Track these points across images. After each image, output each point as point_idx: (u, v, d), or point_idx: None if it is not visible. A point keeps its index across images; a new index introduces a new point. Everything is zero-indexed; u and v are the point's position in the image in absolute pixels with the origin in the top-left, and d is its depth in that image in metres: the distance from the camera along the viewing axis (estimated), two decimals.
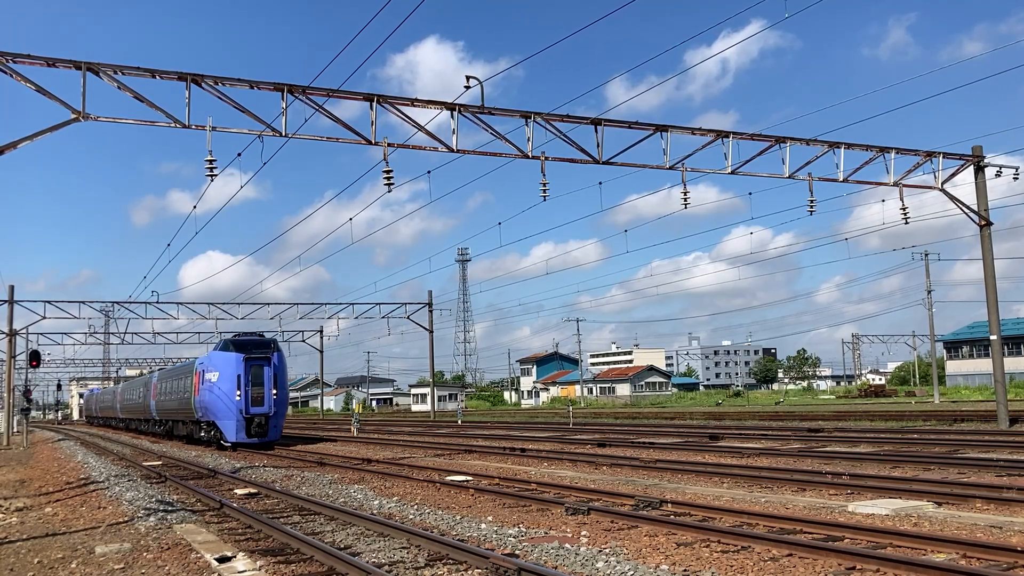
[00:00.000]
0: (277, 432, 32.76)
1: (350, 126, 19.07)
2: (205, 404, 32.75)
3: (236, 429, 31.38)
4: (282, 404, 32.80)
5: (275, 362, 32.56)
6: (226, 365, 32.00)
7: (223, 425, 31.87)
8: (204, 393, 32.74)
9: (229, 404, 31.45)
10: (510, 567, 8.28)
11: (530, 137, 20.86)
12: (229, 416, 31.55)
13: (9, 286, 44.75)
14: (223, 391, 31.59)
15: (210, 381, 32.16)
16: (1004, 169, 28.88)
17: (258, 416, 31.79)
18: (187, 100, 17.52)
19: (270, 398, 32.11)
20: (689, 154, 23.16)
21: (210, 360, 33.28)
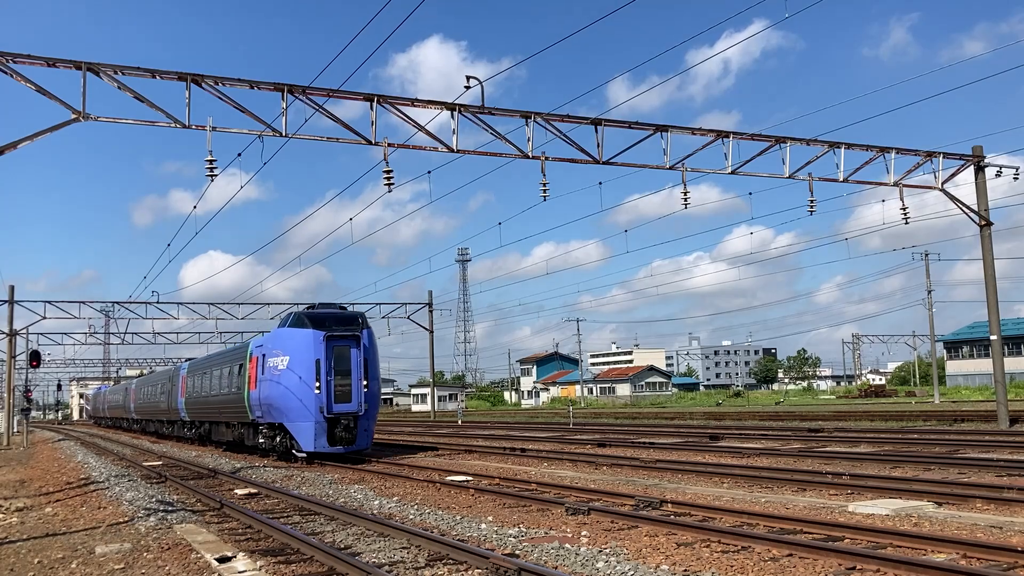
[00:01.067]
0: (368, 437, 24.09)
1: (350, 126, 19.08)
2: (268, 401, 24.29)
3: (315, 434, 22.99)
4: (374, 400, 24.07)
5: (365, 342, 23.70)
6: (300, 346, 23.42)
7: (296, 429, 23.40)
8: (266, 386, 24.36)
9: (305, 400, 22.97)
10: (510, 567, 8.28)
11: (530, 137, 20.86)
12: (304, 416, 23.07)
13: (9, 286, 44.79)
14: (296, 382, 23.20)
15: (275, 369, 23.87)
16: (1004, 169, 28.88)
17: (344, 416, 23.25)
18: (187, 100, 17.52)
19: (359, 391, 23.48)
20: (689, 154, 23.16)
21: (275, 340, 24.68)
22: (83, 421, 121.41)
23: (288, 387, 23.23)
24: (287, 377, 23.29)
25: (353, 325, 23.92)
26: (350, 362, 23.46)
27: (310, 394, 22.82)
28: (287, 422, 23.57)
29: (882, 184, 26.73)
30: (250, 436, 27.37)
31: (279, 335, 24.52)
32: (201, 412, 34.59)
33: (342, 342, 23.46)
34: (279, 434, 24.49)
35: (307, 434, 23.07)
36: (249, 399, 25.92)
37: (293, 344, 23.48)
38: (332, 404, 23.00)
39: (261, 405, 24.77)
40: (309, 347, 23.08)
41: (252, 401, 25.65)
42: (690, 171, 23.11)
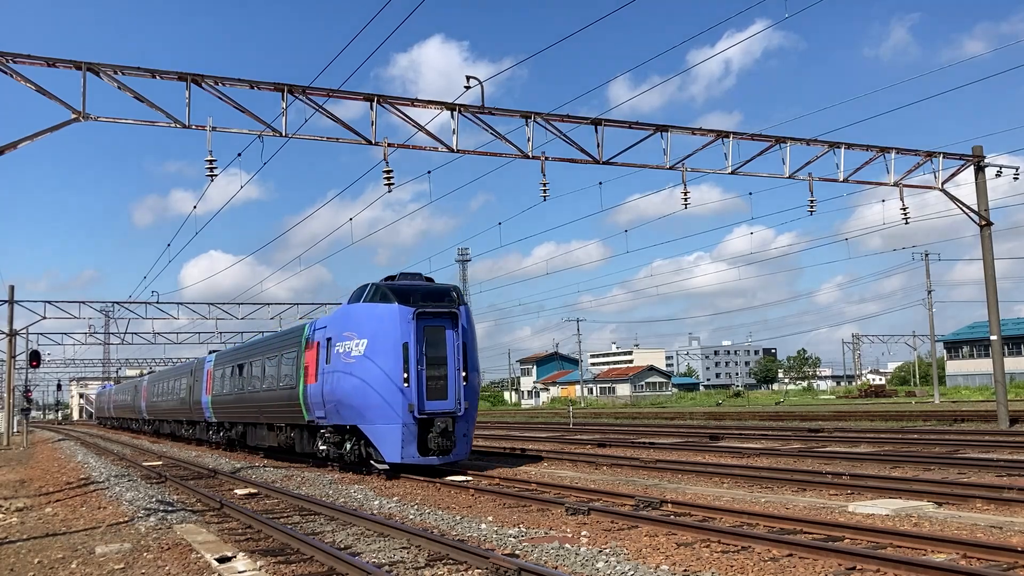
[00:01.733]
0: (467, 445, 18.89)
1: (350, 126, 19.07)
2: (337, 397, 19.17)
3: (402, 440, 17.92)
4: (475, 397, 19.12)
5: (463, 322, 18.68)
6: (383, 327, 18.25)
7: (377, 433, 18.25)
8: (333, 378, 19.34)
9: (389, 396, 17.99)
10: (510, 567, 8.28)
11: (530, 137, 20.86)
12: (388, 417, 17.99)
13: (9, 286, 44.76)
14: (376, 373, 18.06)
15: (346, 356, 18.87)
16: (1004, 169, 28.87)
17: (440, 417, 18.04)
18: (187, 100, 17.52)
19: (457, 385, 18.36)
20: (689, 154, 23.16)
21: (347, 320, 19.27)
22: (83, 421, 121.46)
23: (366, 379, 18.11)
24: (364, 367, 18.17)
25: (448, 300, 18.79)
26: (446, 347, 18.37)
27: (396, 389, 17.85)
28: (364, 424, 18.42)
29: (882, 184, 26.72)
30: (304, 441, 22.27)
31: (352, 313, 19.13)
32: (234, 412, 29.25)
33: (435, 321, 18.37)
34: (350, 440, 19.54)
35: (392, 440, 17.90)
36: (306, 395, 21.02)
37: (373, 324, 18.31)
38: (424, 402, 17.96)
39: (325, 403, 19.71)
40: (395, 327, 18.02)
41: (310, 398, 20.68)
42: (690, 171, 23.11)
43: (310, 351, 21.09)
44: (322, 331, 20.53)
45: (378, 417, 18.06)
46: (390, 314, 18.19)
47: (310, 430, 21.84)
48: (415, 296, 18.54)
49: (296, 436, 23.02)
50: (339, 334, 19.29)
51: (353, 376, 18.51)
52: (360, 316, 18.78)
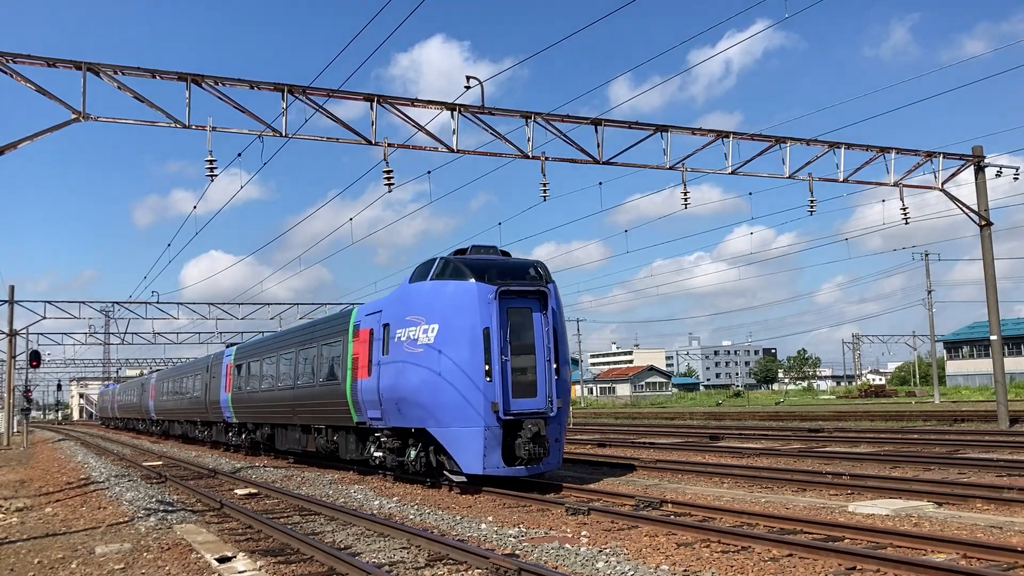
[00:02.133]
0: (559, 453, 15.74)
1: (350, 126, 19.07)
2: (399, 393, 16.02)
3: (483, 446, 14.69)
4: (567, 393, 15.98)
5: (553, 304, 15.59)
6: (458, 308, 15.21)
7: (452, 438, 15.07)
8: (393, 371, 16.24)
9: (467, 392, 14.85)
10: (510, 567, 8.28)
11: (530, 137, 20.86)
12: (467, 418, 14.83)
13: (9, 286, 44.76)
14: (450, 365, 15.03)
15: (411, 344, 15.74)
16: (1004, 169, 28.87)
17: (531, 419, 14.86)
18: (187, 100, 17.52)
19: (548, 380, 15.26)
20: (689, 154, 23.16)
21: (410, 300, 16.22)
22: (84, 421, 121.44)
23: (438, 371, 15.03)
24: (434, 357, 15.10)
25: (534, 276, 15.74)
26: (533, 333, 15.32)
27: (476, 384, 14.69)
28: (435, 427, 15.25)
29: (882, 184, 26.72)
30: (351, 446, 19.06)
31: (418, 293, 15.96)
32: (259, 412, 26.12)
33: (521, 302, 15.34)
34: (415, 445, 16.33)
35: (471, 447, 14.68)
36: (354, 393, 17.90)
37: (445, 305, 15.26)
38: (510, 400, 14.86)
39: (383, 401, 16.55)
40: (473, 309, 14.93)
41: (361, 395, 17.59)
42: (690, 171, 23.11)
43: (359, 340, 18.03)
44: (375, 316, 17.36)
45: (454, 418, 14.86)
46: (467, 293, 15.06)
47: (359, 433, 18.62)
48: (495, 272, 15.42)
49: (340, 440, 19.71)
50: (400, 319, 16.14)
51: (421, 369, 15.31)
52: (429, 296, 15.63)
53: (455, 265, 15.59)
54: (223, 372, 30.41)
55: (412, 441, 16.47)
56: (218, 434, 32.55)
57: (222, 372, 30.60)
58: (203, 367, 34.44)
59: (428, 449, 15.97)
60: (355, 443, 18.97)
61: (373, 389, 17.00)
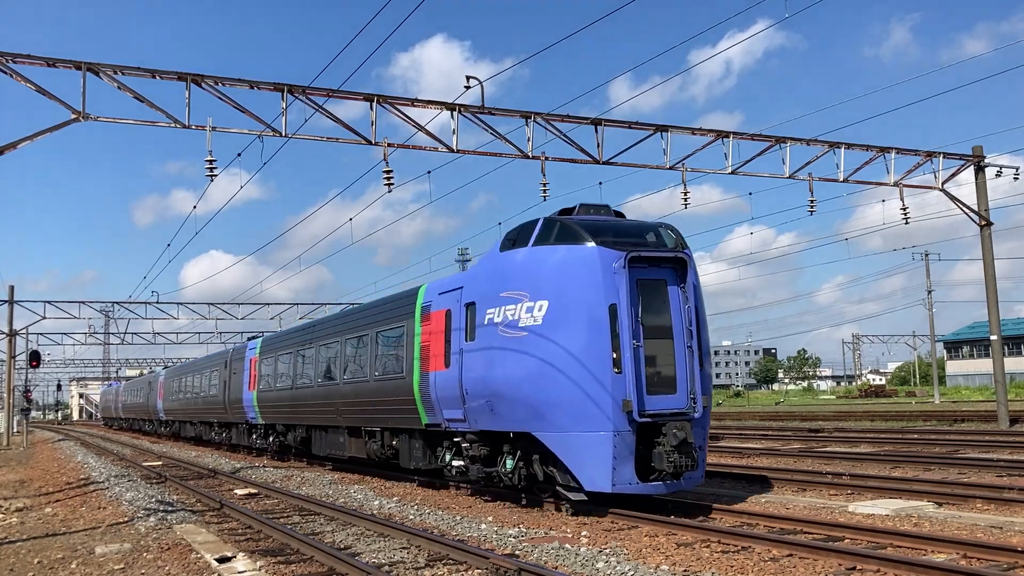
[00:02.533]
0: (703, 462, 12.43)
1: (350, 126, 19.07)
2: (492, 389, 12.91)
3: (613, 456, 11.51)
4: (709, 387, 12.88)
5: (692, 277, 12.49)
6: (574, 279, 12.12)
7: (569, 446, 11.93)
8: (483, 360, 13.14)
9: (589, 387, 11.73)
10: (510, 567, 8.28)
11: (530, 137, 20.86)
12: (590, 419, 11.69)
13: (9, 286, 44.76)
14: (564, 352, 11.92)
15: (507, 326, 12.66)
16: (1004, 169, 28.87)
17: (674, 423, 11.70)
18: (187, 100, 17.52)
19: (691, 372, 12.17)
20: (689, 154, 23.16)
21: (507, 271, 13.08)
22: (83, 421, 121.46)
23: (550, 360, 11.84)
24: (541, 342, 11.92)
25: (668, 240, 12.57)
26: (669, 312, 12.16)
27: (601, 377, 11.51)
28: (546, 431, 11.98)
29: (882, 184, 26.71)
30: (418, 452, 15.91)
31: (516, 262, 12.77)
32: (293, 412, 23.06)
33: (654, 272, 12.17)
34: (513, 454, 12.98)
35: (596, 457, 11.45)
36: (425, 389, 14.84)
37: (556, 275, 12.06)
38: (644, 397, 11.64)
39: (467, 398, 13.41)
40: (595, 280, 11.73)
41: (435, 391, 14.44)
42: (690, 171, 23.10)
43: (430, 325, 14.85)
44: (453, 295, 14.19)
45: (572, 420, 11.63)
46: (587, 261, 11.84)
47: (429, 437, 15.55)
48: (619, 234, 12.28)
49: (402, 446, 16.48)
50: (491, 296, 12.96)
51: (525, 357, 12.09)
52: (533, 266, 12.43)
53: (567, 226, 12.35)
54: (246, 368, 27.26)
55: (508, 449, 13.04)
56: (239, 437, 29.52)
57: (245, 368, 27.42)
58: (221, 362, 31.19)
59: (531, 459, 12.60)
60: (422, 449, 15.68)
61: (452, 384, 13.73)
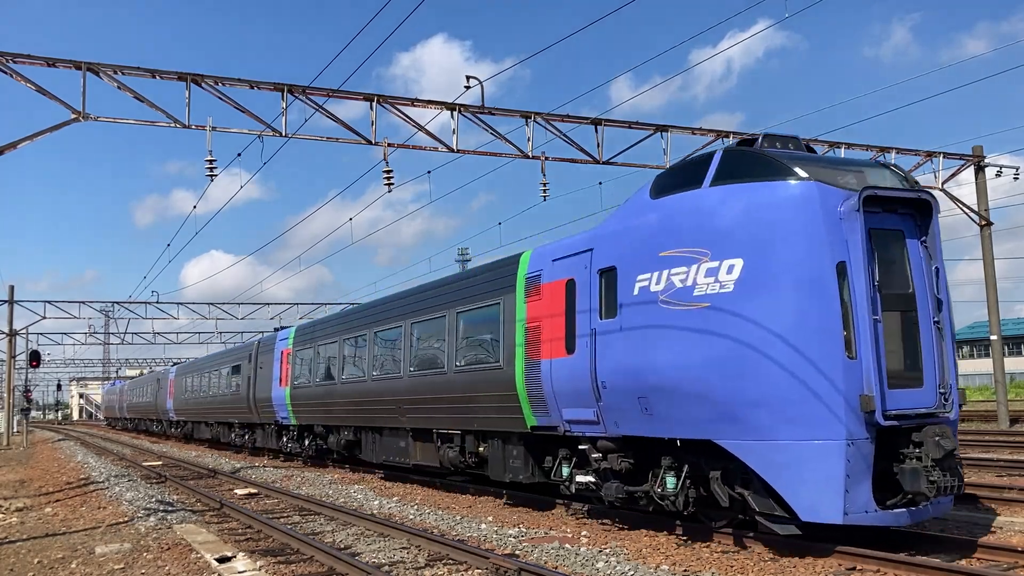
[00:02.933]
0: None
1: (350, 126, 19.07)
2: (650, 382, 9.66)
3: (846, 473, 8.19)
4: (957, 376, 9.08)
5: (936, 232, 9.16)
6: (783, 229, 8.74)
7: (778, 458, 8.59)
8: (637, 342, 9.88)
9: (808, 376, 8.39)
10: (510, 567, 8.28)
11: (530, 137, 20.85)
12: (813, 422, 8.40)
13: (9, 286, 44.76)
14: (768, 329, 8.59)
15: (673, 296, 9.39)
16: (1005, 169, 28.87)
17: (930, 424, 8.50)
18: (187, 100, 17.52)
19: (942, 356, 8.90)
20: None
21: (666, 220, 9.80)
22: (83, 421, 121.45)
23: (747, 340, 8.86)
24: (727, 319, 8.99)
25: (901, 184, 9.54)
26: (911, 276, 9.19)
27: (825, 361, 8.55)
28: (740, 439, 9.02)
29: None
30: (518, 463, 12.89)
31: (685, 209, 9.73)
32: (336, 412, 20.05)
33: (889, 220, 9.20)
34: (677, 469, 9.98)
35: (822, 474, 8.46)
36: (534, 380, 11.89)
37: (750, 223, 9.10)
38: (885, 391, 8.62)
39: (603, 392, 10.49)
40: (813, 229, 8.78)
41: (550, 384, 11.52)
42: None
43: (541, 300, 11.81)
44: (578, 260, 11.16)
45: (782, 423, 8.63)
46: (800, 202, 8.83)
47: (535, 443, 12.51)
48: (839, 169, 9.29)
49: (494, 453, 13.37)
50: (644, 256, 9.86)
51: (710, 337, 9.05)
52: (715, 212, 9.31)
53: (763, 157, 9.35)
54: (276, 361, 24.15)
55: (670, 462, 9.88)
56: (265, 439, 26.29)
57: (274, 361, 24.29)
58: (244, 356, 27.90)
59: (708, 476, 9.65)
60: (523, 458, 12.56)
61: (581, 375, 10.74)
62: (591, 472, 11.23)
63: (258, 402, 25.93)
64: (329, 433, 21.27)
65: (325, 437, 21.59)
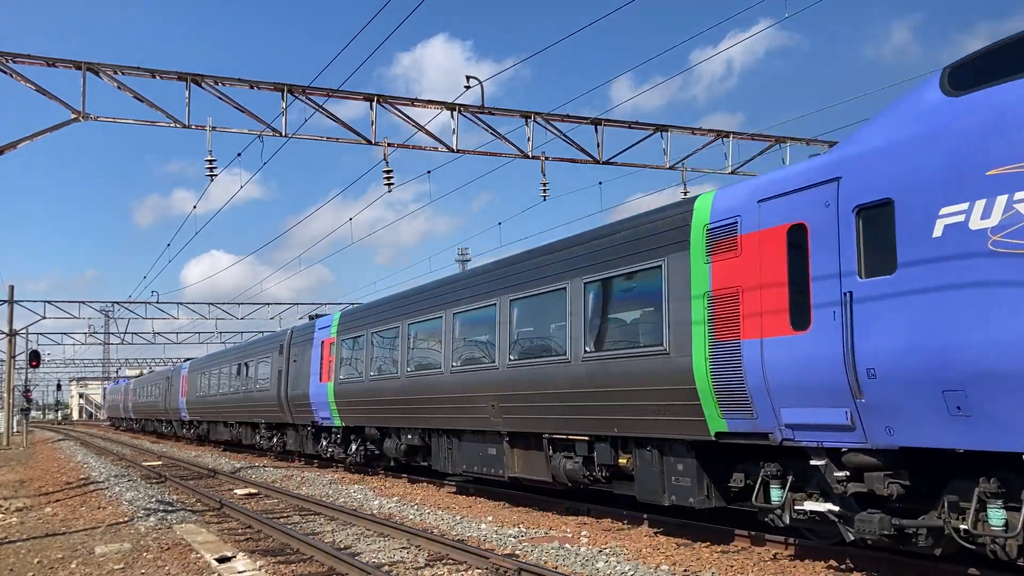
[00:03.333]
0: None
1: (350, 126, 19.06)
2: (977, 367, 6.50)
3: None
4: None
5: None
6: None
7: None
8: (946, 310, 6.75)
9: None
10: (510, 567, 8.28)
11: (530, 137, 20.85)
12: None
13: (9, 286, 44.75)
14: None
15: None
16: None
17: None
18: (187, 100, 17.52)
19: None
20: (689, 154, 23.14)
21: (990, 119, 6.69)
22: (83, 421, 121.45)
23: None
24: None
25: None
26: None
27: None
28: None
29: None
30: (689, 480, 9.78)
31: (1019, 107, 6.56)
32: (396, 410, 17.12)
33: None
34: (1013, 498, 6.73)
35: None
36: (730, 370, 8.88)
37: None
38: None
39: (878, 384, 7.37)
40: None
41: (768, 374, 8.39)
42: (690, 171, 23.09)
43: (737, 256, 8.95)
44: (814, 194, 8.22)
45: None
46: None
47: (721, 453, 9.66)
48: None
49: (648, 465, 10.43)
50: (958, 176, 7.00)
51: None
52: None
53: None
54: (315, 353, 21.68)
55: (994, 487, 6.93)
56: (299, 442, 23.90)
57: (313, 353, 21.86)
58: (273, 348, 25.34)
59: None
60: (696, 475, 9.67)
61: (822, 360, 7.88)
62: (827, 498, 8.15)
63: (291, 400, 23.04)
64: (385, 437, 18.46)
65: (380, 441, 18.88)
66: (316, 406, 21.26)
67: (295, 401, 22.68)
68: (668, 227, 9.95)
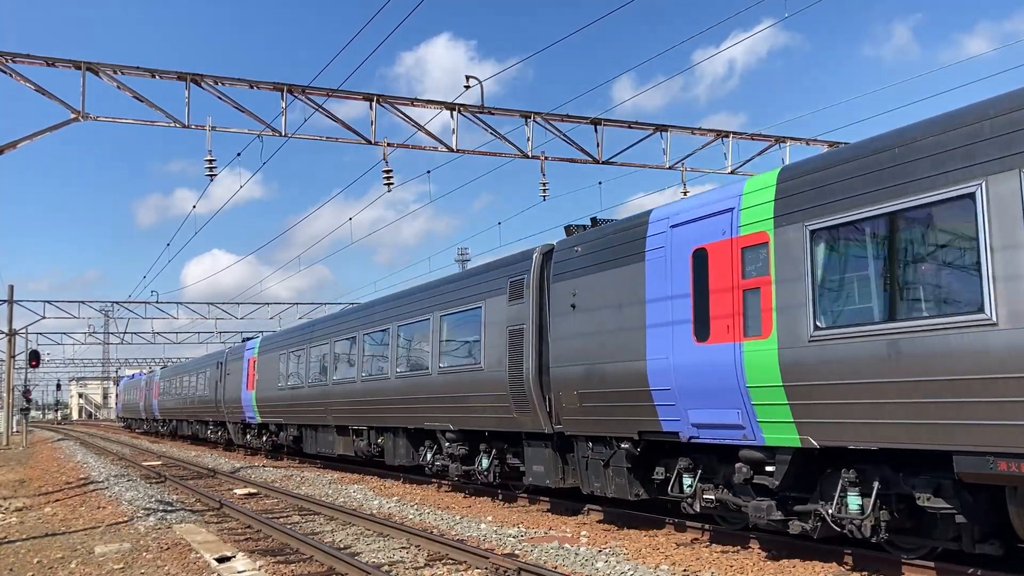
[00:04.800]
0: None
1: (350, 126, 19.06)
2: None
3: None
4: None
5: None
6: None
7: None
8: None
9: None
10: (510, 567, 8.28)
11: (530, 137, 20.85)
12: None
13: (9, 286, 44.73)
14: None
15: None
16: None
17: None
18: (187, 100, 17.52)
19: None
20: (689, 154, 23.14)
21: None
22: (83, 421, 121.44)
23: None
24: None
25: None
26: None
27: None
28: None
29: None
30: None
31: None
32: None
33: None
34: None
35: None
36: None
37: None
38: None
39: None
40: None
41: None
42: (690, 171, 23.08)
43: None
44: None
45: None
46: None
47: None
48: None
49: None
50: None
51: None
52: None
53: None
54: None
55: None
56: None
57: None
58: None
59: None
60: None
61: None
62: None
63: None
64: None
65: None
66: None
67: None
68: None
